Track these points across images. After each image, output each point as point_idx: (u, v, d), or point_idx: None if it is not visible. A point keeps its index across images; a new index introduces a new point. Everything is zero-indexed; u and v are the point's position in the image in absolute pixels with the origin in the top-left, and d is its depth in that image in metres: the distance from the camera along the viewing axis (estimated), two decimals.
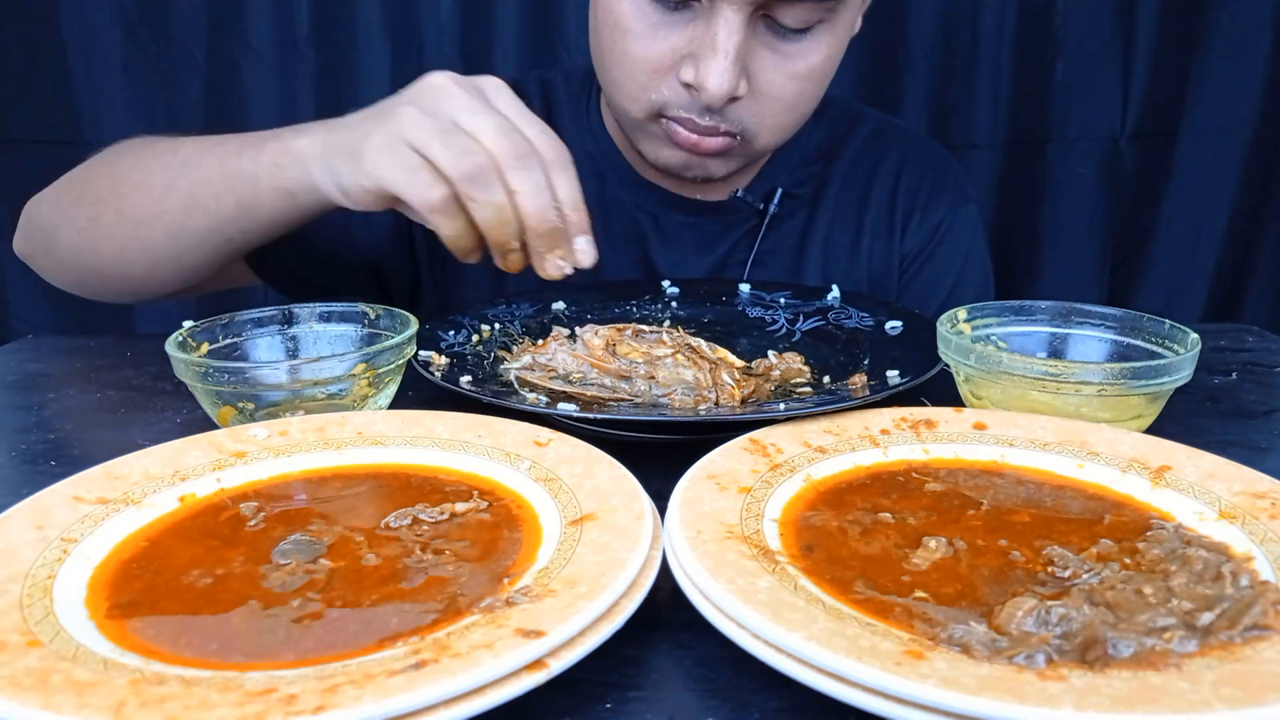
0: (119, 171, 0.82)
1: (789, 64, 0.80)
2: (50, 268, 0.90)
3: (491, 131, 0.64)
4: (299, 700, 0.33)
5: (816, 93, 0.85)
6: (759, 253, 0.98)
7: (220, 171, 0.75)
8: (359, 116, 0.71)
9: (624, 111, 0.85)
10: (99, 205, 0.81)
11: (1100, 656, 0.37)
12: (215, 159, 0.76)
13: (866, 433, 0.59)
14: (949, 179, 1.04)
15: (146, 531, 0.49)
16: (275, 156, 0.72)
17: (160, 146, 0.81)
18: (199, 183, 0.76)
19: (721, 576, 0.41)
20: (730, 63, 0.76)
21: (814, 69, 0.82)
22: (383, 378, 0.65)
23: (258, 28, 1.52)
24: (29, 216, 0.89)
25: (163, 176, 0.78)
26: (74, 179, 0.87)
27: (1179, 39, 1.56)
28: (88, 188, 0.84)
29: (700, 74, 0.77)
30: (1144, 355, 0.67)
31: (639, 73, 0.81)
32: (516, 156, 0.64)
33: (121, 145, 0.88)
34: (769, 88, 0.81)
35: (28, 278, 1.58)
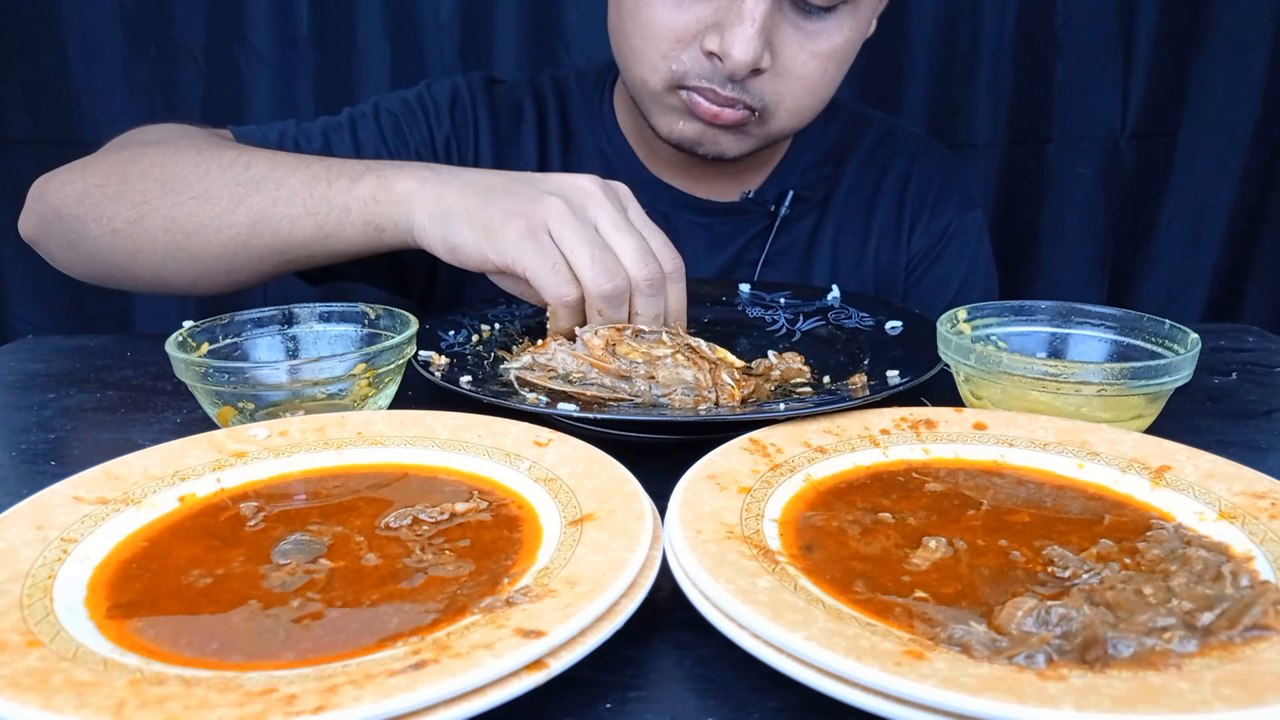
0: (173, 174, 0.77)
1: (812, 42, 0.81)
2: (67, 258, 0.85)
3: (633, 254, 0.67)
4: (299, 700, 0.33)
5: (836, 76, 0.86)
6: (769, 254, 0.98)
7: (306, 194, 0.74)
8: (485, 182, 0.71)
9: (642, 83, 0.85)
10: (143, 207, 0.77)
11: (1100, 656, 0.37)
12: (300, 180, 0.74)
13: (866, 433, 0.59)
14: (956, 183, 1.04)
15: (146, 531, 0.49)
16: (374, 191, 0.72)
17: (225, 155, 0.78)
18: (278, 201, 0.74)
19: (721, 576, 0.41)
20: (756, 31, 0.76)
21: (836, 49, 0.83)
22: (383, 378, 0.65)
23: (258, 28, 1.51)
24: (43, 200, 0.83)
25: (231, 189, 0.75)
26: (106, 169, 0.81)
27: (1179, 39, 1.56)
28: (129, 185, 0.78)
29: (726, 42, 0.77)
30: (1144, 355, 0.67)
31: (661, 41, 0.81)
32: (650, 284, 0.67)
33: (159, 136, 0.85)
34: (792, 64, 0.81)
35: (28, 277, 1.60)
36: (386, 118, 0.95)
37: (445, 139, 0.96)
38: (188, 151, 0.79)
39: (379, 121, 0.94)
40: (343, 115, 0.96)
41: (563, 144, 1.00)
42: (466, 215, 0.69)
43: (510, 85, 1.02)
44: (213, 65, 1.53)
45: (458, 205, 0.69)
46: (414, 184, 0.71)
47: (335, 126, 0.93)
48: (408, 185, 0.71)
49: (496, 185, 0.70)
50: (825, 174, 1.01)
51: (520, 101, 1.00)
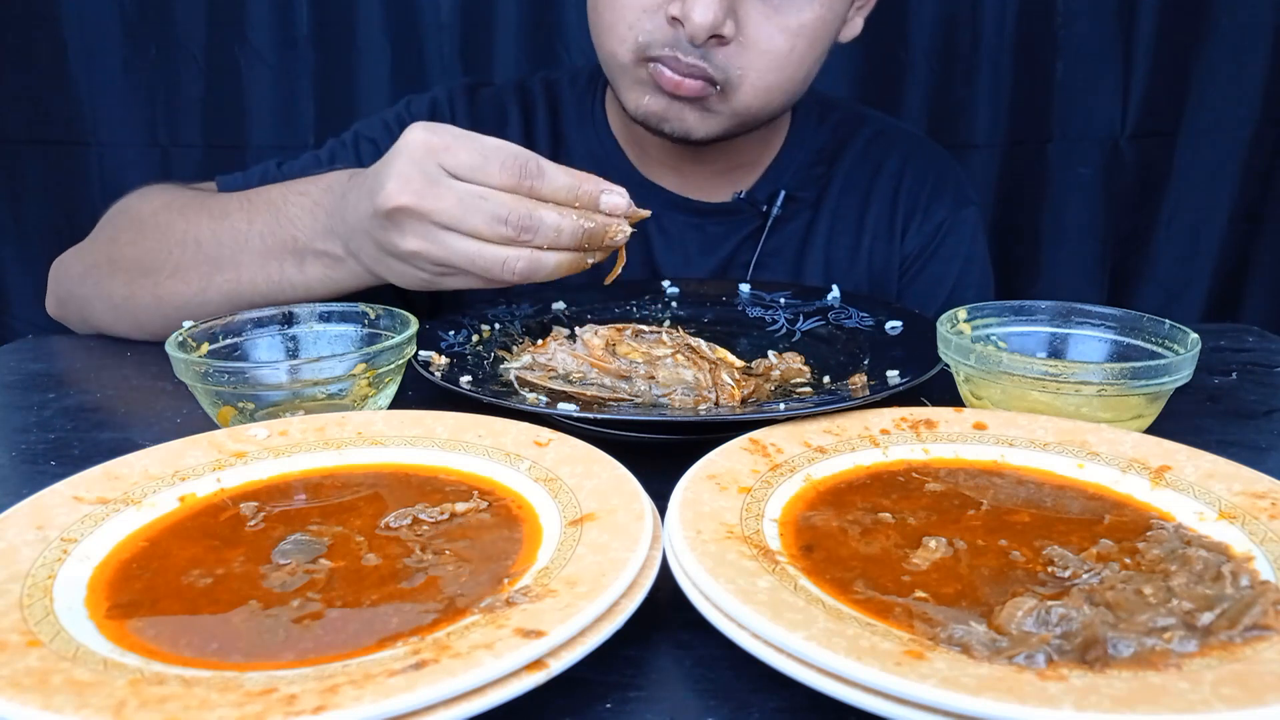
0: (147, 254, 0.82)
1: (780, 15, 0.81)
2: (86, 330, 0.91)
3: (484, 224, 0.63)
4: (299, 700, 0.33)
5: (806, 54, 0.85)
6: (761, 254, 0.98)
7: (264, 278, 0.77)
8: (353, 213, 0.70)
9: (611, 55, 0.85)
10: (131, 285, 0.83)
11: (1100, 656, 0.37)
12: (256, 262, 0.77)
13: (866, 433, 0.59)
14: (950, 181, 1.04)
15: (146, 531, 0.49)
16: (323, 270, 0.76)
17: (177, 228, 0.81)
18: (241, 283, 0.78)
19: (721, 576, 0.41)
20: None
21: (805, 25, 0.82)
22: (383, 378, 0.65)
23: (258, 28, 1.52)
24: (58, 280, 0.91)
25: (198, 271, 0.79)
26: (98, 248, 0.88)
27: (1179, 39, 1.56)
28: (116, 264, 0.84)
29: (686, 5, 0.77)
30: (1144, 355, 0.67)
31: (628, 10, 0.81)
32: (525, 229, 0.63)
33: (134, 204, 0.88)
34: (757, 35, 0.81)
35: (28, 277, 1.60)
36: (366, 146, 0.95)
37: None
38: (152, 226, 0.84)
39: (358, 151, 0.95)
40: (324, 150, 0.97)
41: (552, 147, 1.00)
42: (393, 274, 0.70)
43: (496, 90, 1.02)
44: (213, 65, 1.53)
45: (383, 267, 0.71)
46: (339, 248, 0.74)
47: (314, 163, 0.94)
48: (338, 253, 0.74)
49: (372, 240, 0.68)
50: (818, 174, 1.01)
51: (505, 107, 1.00)
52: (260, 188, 0.82)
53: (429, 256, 0.65)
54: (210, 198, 0.85)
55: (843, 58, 1.51)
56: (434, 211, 0.63)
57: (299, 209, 0.76)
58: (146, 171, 1.56)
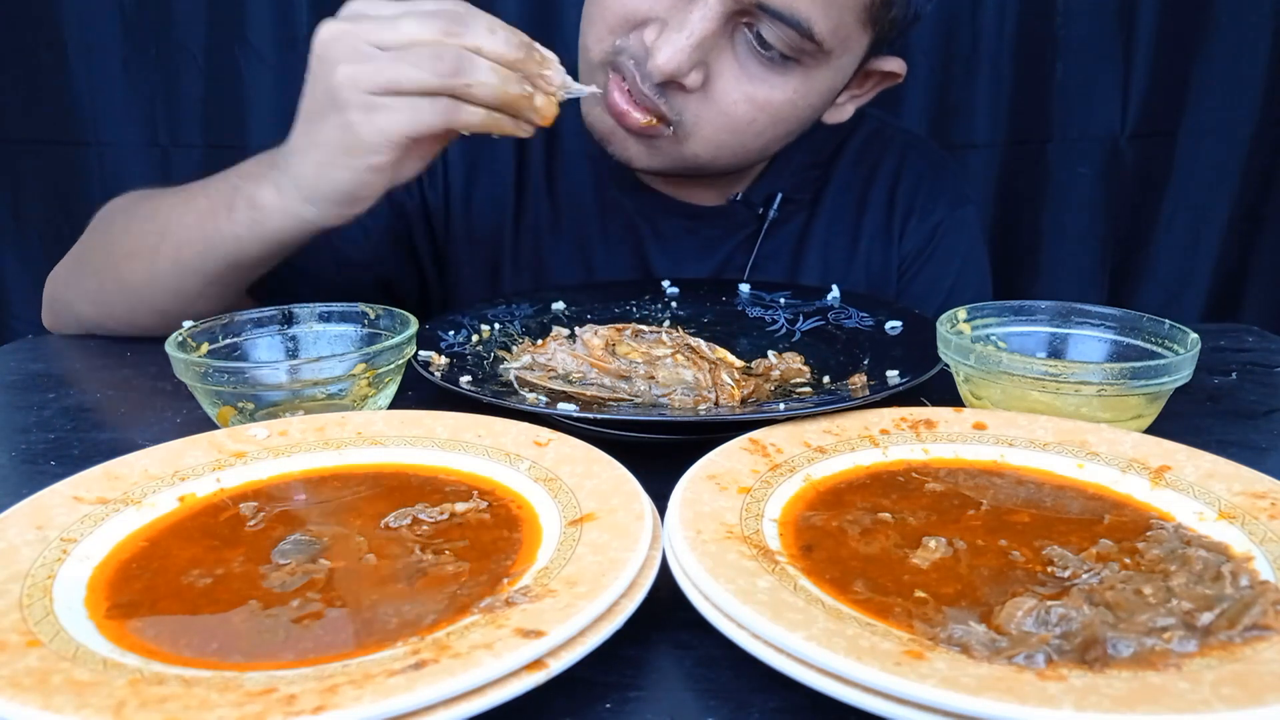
0: (110, 240, 0.85)
1: (750, 85, 0.79)
2: (79, 332, 0.92)
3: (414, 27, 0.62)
4: (299, 700, 0.33)
5: (765, 130, 0.82)
6: (758, 257, 0.98)
7: (200, 234, 0.76)
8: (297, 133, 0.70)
9: (585, 50, 0.84)
10: (100, 276, 0.85)
11: (1100, 656, 0.37)
12: (192, 220, 0.77)
13: (866, 433, 0.59)
14: (946, 180, 1.04)
15: (146, 531, 0.49)
16: (248, 213, 0.73)
17: (141, 210, 0.83)
18: (181, 246, 0.77)
19: (721, 576, 0.41)
20: (688, 44, 0.74)
21: (771, 102, 0.80)
22: (383, 378, 0.65)
23: (258, 28, 1.51)
24: (49, 292, 0.93)
25: (147, 243, 0.80)
26: (78, 250, 0.90)
27: (1179, 39, 1.56)
28: (87, 260, 0.87)
29: (658, 40, 0.75)
30: (1144, 355, 0.67)
31: (612, 16, 0.80)
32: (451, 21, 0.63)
33: (111, 207, 0.90)
34: (721, 97, 0.79)
35: (28, 277, 1.60)
36: None
37: None
38: (120, 216, 0.86)
39: None
40: None
41: (547, 148, 0.99)
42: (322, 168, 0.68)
43: None
44: (213, 65, 1.53)
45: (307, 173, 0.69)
46: (267, 189, 0.72)
47: None
48: (265, 193, 0.72)
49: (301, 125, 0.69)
50: (814, 175, 1.00)
51: None
52: None
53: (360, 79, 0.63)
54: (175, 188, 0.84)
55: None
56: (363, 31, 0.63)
57: (249, 164, 0.76)
58: (146, 171, 1.56)
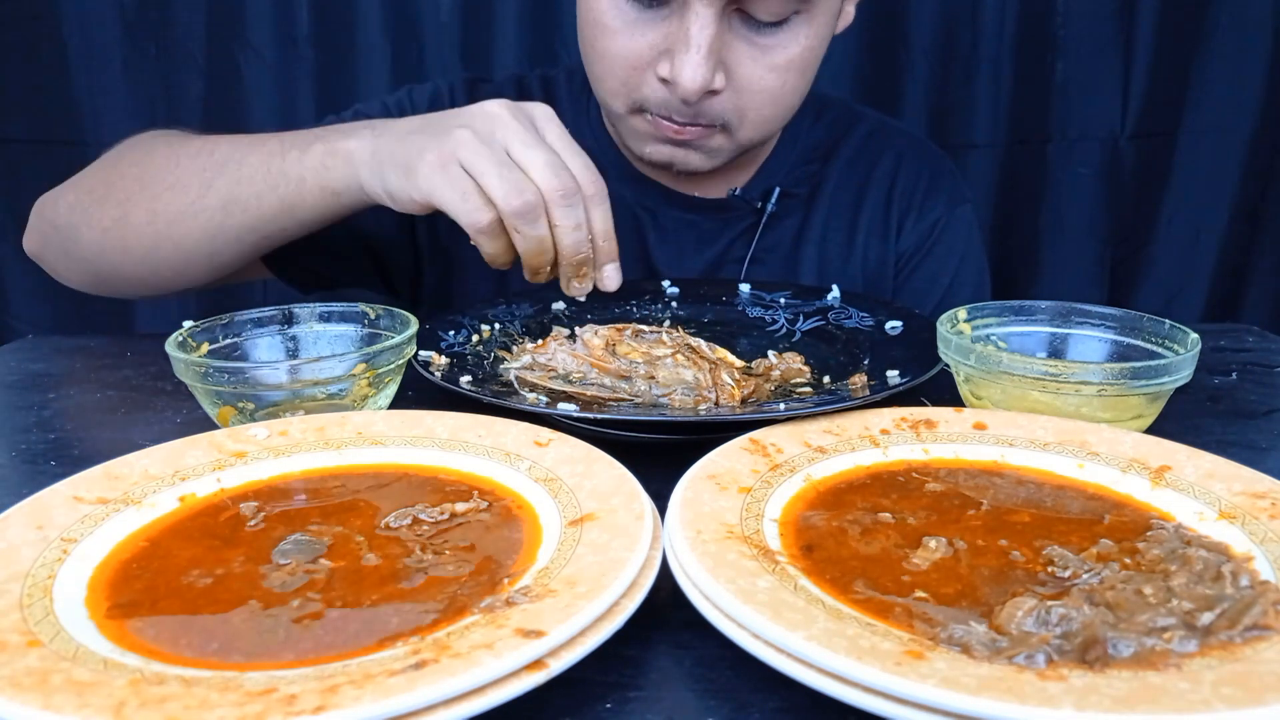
0: (149, 171, 0.82)
1: (767, 56, 0.80)
2: (66, 267, 0.90)
3: (542, 168, 0.67)
4: (299, 700, 0.33)
5: (799, 84, 0.85)
6: (756, 251, 0.98)
7: (264, 171, 0.76)
8: (409, 126, 0.72)
9: (608, 106, 0.86)
10: (126, 205, 0.82)
11: (1100, 656, 0.37)
12: (259, 158, 0.77)
13: (866, 433, 0.59)
14: (944, 179, 1.04)
15: (146, 531, 0.49)
16: (323, 158, 0.74)
17: (192, 145, 0.81)
18: (240, 181, 0.77)
19: (721, 576, 0.41)
20: (703, 57, 0.76)
21: (793, 60, 0.82)
22: (383, 378, 0.65)
23: (258, 28, 1.51)
24: (42, 215, 0.89)
25: (199, 176, 0.79)
26: (93, 177, 0.86)
27: (1179, 39, 1.56)
28: (113, 187, 0.83)
29: (675, 69, 0.77)
30: (1144, 355, 0.67)
31: (619, 69, 0.81)
32: (563, 195, 0.67)
33: (140, 141, 0.88)
34: (749, 81, 0.81)
35: (28, 277, 1.60)
36: None
37: None
38: (162, 148, 0.83)
39: None
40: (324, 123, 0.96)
41: None
42: (392, 161, 0.70)
43: (498, 84, 1.02)
44: (213, 65, 1.53)
45: (385, 153, 0.71)
46: (354, 143, 0.73)
47: None
48: (349, 145, 0.73)
49: (418, 127, 0.72)
50: (812, 171, 1.01)
51: None
52: None
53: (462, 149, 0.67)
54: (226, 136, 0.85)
55: (843, 58, 1.51)
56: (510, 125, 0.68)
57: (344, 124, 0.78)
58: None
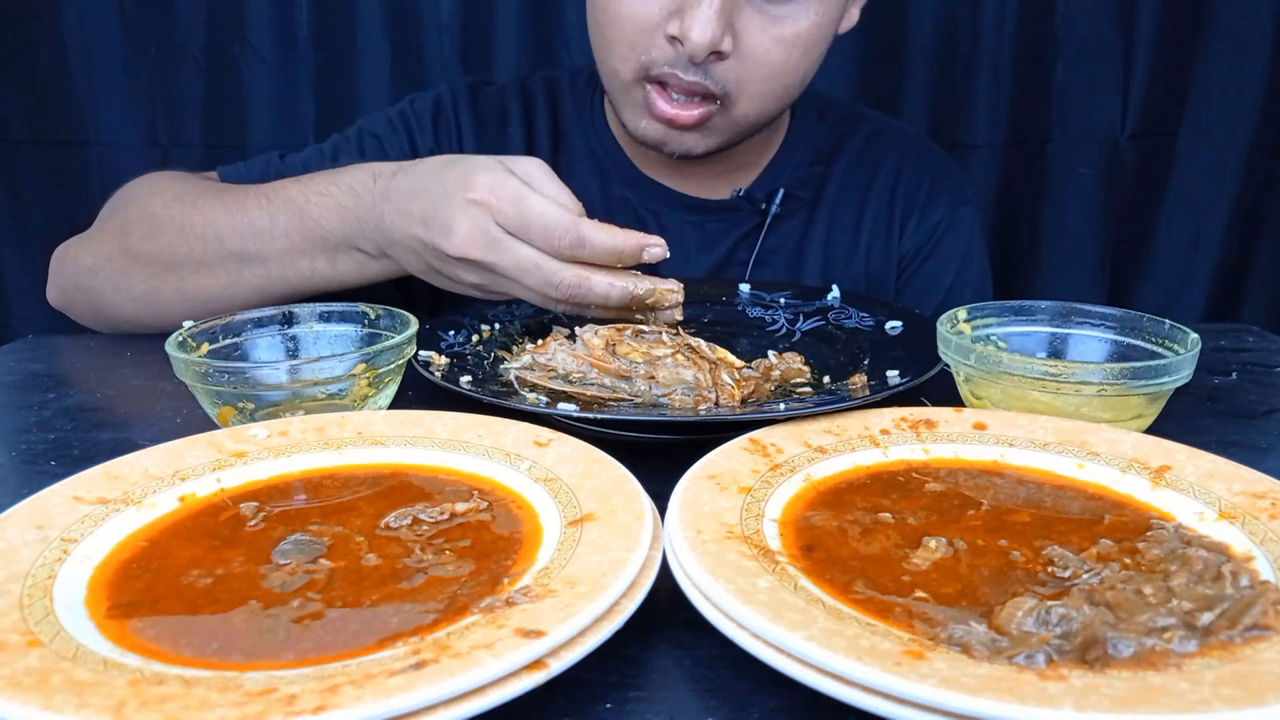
0: (166, 250, 0.83)
1: (776, 27, 0.81)
2: (98, 323, 0.91)
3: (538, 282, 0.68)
4: (299, 700, 0.33)
5: (801, 63, 0.85)
6: (760, 252, 0.98)
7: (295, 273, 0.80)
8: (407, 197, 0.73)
9: (614, 75, 0.86)
10: (153, 280, 0.83)
11: (1100, 656, 0.37)
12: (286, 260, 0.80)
13: (866, 433, 0.59)
14: (947, 180, 1.04)
15: (146, 531, 0.49)
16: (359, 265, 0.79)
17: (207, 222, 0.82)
18: (270, 279, 0.80)
19: (721, 576, 0.41)
20: (714, 13, 0.77)
21: (800, 35, 0.82)
22: (383, 378, 0.65)
23: (258, 28, 1.51)
24: (63, 273, 0.90)
25: (223, 265, 0.81)
26: (109, 240, 0.87)
27: (1179, 39, 1.56)
28: (133, 258, 0.84)
29: (685, 24, 0.78)
30: (1144, 355, 0.67)
31: (629, 31, 0.82)
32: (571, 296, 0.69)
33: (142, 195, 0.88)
34: (755, 50, 0.81)
35: (28, 277, 1.60)
36: (369, 140, 0.96)
37: (429, 152, 0.97)
38: (166, 221, 0.84)
39: (361, 145, 0.96)
40: (327, 144, 0.97)
41: (553, 145, 1.00)
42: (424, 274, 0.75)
43: (499, 88, 1.03)
44: (213, 65, 1.53)
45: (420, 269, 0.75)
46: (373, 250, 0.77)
47: (317, 156, 0.95)
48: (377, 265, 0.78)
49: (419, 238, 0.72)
50: (816, 172, 1.01)
51: (507, 104, 1.00)
52: (274, 183, 0.83)
53: (487, 288, 0.72)
54: (222, 190, 0.85)
55: (843, 58, 1.51)
56: (496, 265, 0.69)
57: (322, 209, 0.78)
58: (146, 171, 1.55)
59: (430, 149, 0.97)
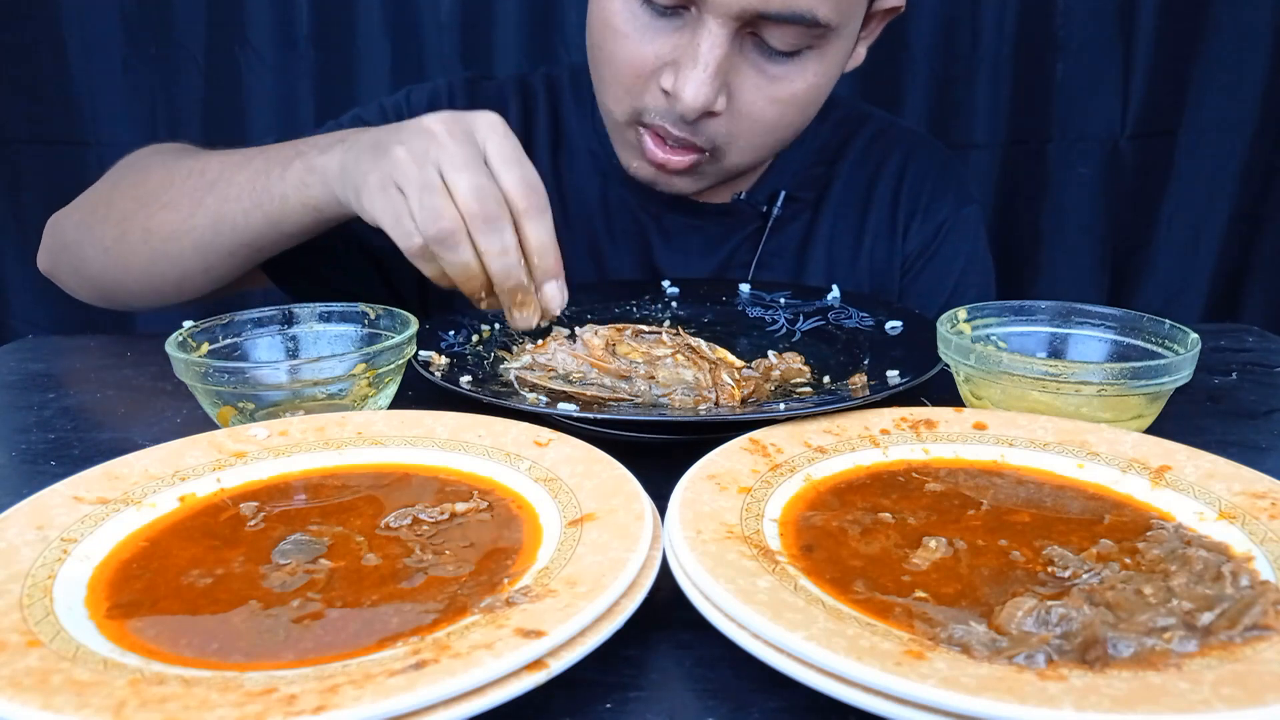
0: (144, 190, 0.83)
1: (773, 86, 0.79)
2: (77, 284, 0.91)
3: (465, 191, 0.63)
4: (299, 700, 0.33)
5: (796, 120, 0.84)
6: (762, 254, 0.98)
7: (249, 189, 0.77)
8: (368, 140, 0.71)
9: (608, 113, 0.86)
10: (124, 223, 0.83)
11: (1100, 656, 0.37)
12: (245, 177, 0.78)
13: (866, 433, 0.59)
14: (951, 179, 1.04)
15: (146, 531, 0.49)
16: (301, 175, 0.74)
17: (185, 164, 0.82)
18: (227, 200, 0.78)
19: (721, 576, 0.41)
20: (708, 76, 0.75)
21: (797, 95, 0.81)
22: (383, 378, 0.65)
23: (258, 28, 1.52)
24: (53, 234, 0.91)
25: (190, 196, 0.80)
26: (96, 196, 0.88)
27: (1179, 39, 1.56)
28: (112, 206, 0.85)
29: (678, 83, 0.76)
30: (1144, 355, 0.67)
31: (624, 75, 0.81)
32: (485, 219, 0.63)
33: (139, 158, 0.89)
34: (749, 108, 0.80)
35: (28, 277, 1.60)
36: None
37: None
38: (158, 167, 0.85)
39: None
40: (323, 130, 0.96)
41: (552, 142, 1.00)
42: (350, 180, 0.70)
43: (498, 84, 1.02)
44: (213, 65, 1.53)
45: (346, 171, 0.71)
46: (328, 159, 0.73)
47: None
48: (324, 161, 0.73)
49: (369, 143, 0.70)
50: (818, 173, 1.01)
51: (506, 100, 1.00)
52: None
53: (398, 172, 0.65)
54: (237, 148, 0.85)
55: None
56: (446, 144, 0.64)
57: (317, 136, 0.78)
58: None
59: None
